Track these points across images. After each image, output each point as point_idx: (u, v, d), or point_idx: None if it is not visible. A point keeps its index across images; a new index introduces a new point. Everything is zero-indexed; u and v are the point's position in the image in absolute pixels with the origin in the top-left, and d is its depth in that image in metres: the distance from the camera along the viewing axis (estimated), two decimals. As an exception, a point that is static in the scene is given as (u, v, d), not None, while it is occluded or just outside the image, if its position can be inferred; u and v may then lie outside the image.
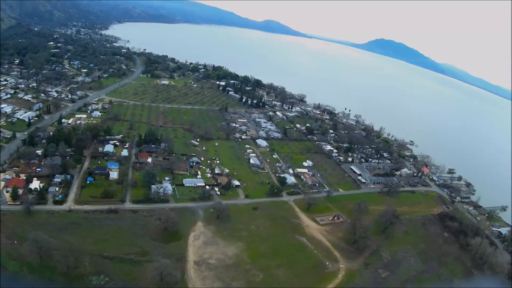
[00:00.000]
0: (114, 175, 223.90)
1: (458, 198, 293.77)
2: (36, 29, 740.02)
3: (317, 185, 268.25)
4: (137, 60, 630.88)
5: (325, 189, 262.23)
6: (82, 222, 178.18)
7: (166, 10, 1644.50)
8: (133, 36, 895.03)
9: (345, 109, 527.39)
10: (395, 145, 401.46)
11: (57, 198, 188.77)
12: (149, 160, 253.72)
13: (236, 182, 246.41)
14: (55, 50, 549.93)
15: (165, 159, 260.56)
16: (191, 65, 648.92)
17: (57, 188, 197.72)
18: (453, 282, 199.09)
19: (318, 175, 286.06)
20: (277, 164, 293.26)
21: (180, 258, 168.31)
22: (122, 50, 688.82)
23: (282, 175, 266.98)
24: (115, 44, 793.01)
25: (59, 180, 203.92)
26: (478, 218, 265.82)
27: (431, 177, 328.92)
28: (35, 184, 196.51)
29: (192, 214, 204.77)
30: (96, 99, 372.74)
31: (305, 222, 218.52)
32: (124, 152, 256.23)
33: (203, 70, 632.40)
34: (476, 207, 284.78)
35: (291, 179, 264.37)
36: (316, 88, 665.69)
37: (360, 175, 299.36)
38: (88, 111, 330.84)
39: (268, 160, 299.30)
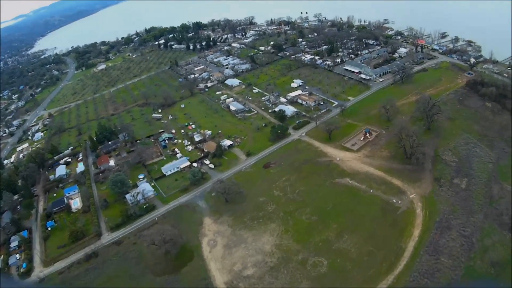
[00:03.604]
0: (76, 203, 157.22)
1: (472, 60, 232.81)
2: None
3: (322, 103, 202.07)
4: (67, 60, 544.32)
5: (333, 104, 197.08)
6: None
7: (84, 5, 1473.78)
8: (59, 41, 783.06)
9: (301, 13, 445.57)
10: (373, 29, 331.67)
11: (21, 270, 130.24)
12: (112, 162, 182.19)
13: (228, 142, 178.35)
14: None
15: (130, 152, 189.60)
16: (123, 39, 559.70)
17: (17, 255, 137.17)
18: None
19: (316, 91, 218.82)
20: (263, 98, 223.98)
21: (205, 287, 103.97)
22: (51, 58, 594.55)
23: (277, 109, 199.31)
24: (43, 56, 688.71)
25: (16, 243, 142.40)
26: (505, 74, 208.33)
27: (431, 48, 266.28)
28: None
29: (192, 211, 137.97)
30: (34, 120, 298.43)
31: (336, 156, 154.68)
32: (80, 167, 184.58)
33: (136, 38, 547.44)
34: (495, 63, 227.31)
35: (289, 110, 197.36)
36: (261, 7, 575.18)
37: (360, 72, 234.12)
38: (30, 137, 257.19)
39: (250, 98, 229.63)
